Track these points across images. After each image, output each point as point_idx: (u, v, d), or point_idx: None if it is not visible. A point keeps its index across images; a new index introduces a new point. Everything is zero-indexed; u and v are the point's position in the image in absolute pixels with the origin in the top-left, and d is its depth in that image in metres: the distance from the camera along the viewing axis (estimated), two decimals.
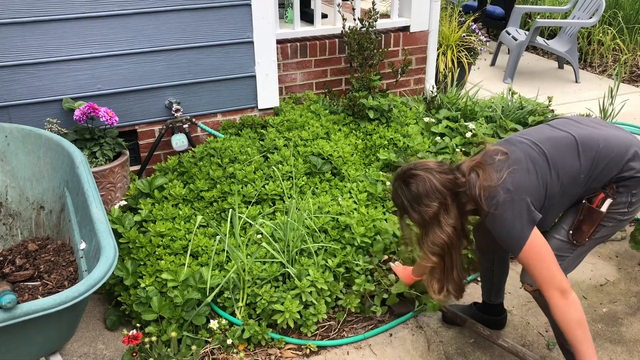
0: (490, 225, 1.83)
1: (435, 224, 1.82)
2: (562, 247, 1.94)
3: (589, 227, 1.88)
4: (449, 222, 1.81)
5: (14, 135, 2.46)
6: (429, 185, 1.79)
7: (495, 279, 2.34)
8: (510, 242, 1.79)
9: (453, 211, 1.82)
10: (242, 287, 2.45)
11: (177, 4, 3.23)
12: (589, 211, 1.86)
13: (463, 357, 2.34)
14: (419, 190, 1.80)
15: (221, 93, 3.57)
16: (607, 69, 6.06)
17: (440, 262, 1.88)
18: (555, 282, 1.78)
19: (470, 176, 1.84)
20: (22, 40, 2.95)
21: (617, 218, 1.89)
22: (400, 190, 1.86)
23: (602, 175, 1.84)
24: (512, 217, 1.76)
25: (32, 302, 1.58)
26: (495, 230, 1.82)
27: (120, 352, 2.35)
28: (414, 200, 1.82)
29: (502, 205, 1.76)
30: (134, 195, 3.01)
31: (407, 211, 1.86)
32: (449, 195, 1.81)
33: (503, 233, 1.80)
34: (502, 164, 1.81)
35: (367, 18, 3.78)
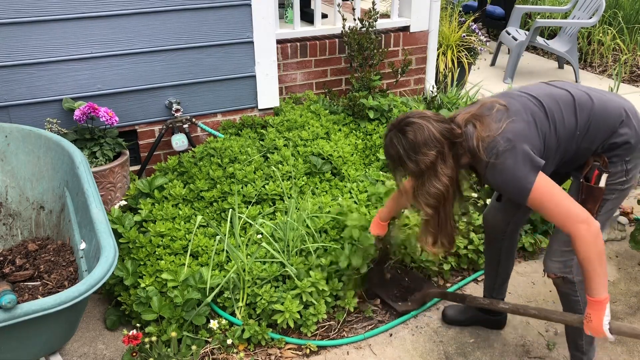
0: (491, 177, 1.76)
1: (431, 174, 1.76)
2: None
3: (593, 204, 1.86)
4: (445, 172, 1.76)
5: (14, 135, 2.46)
6: (427, 133, 1.74)
7: (500, 268, 2.33)
8: (516, 189, 1.73)
9: (450, 161, 1.77)
10: (242, 287, 2.45)
11: (177, 4, 3.23)
12: (589, 189, 1.86)
13: (463, 357, 2.34)
14: (416, 138, 1.74)
15: (221, 93, 3.57)
16: (607, 69, 6.06)
17: (435, 215, 1.83)
18: (575, 215, 1.70)
19: (466, 128, 1.79)
20: (22, 40, 2.95)
21: (618, 189, 1.87)
22: (397, 139, 1.78)
23: (595, 134, 1.82)
24: (514, 164, 1.71)
25: (32, 302, 1.58)
26: (497, 180, 1.76)
27: (120, 352, 2.35)
28: (411, 149, 1.75)
29: (502, 154, 1.71)
30: (134, 195, 3.01)
31: (402, 162, 1.79)
32: (446, 144, 1.76)
33: (507, 181, 1.73)
34: (501, 114, 1.77)
35: (367, 18, 3.78)
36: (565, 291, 2.02)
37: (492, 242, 2.31)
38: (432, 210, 1.82)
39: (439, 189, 1.77)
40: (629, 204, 3.44)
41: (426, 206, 1.81)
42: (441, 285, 2.78)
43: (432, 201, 1.79)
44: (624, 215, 3.28)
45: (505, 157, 1.71)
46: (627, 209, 3.32)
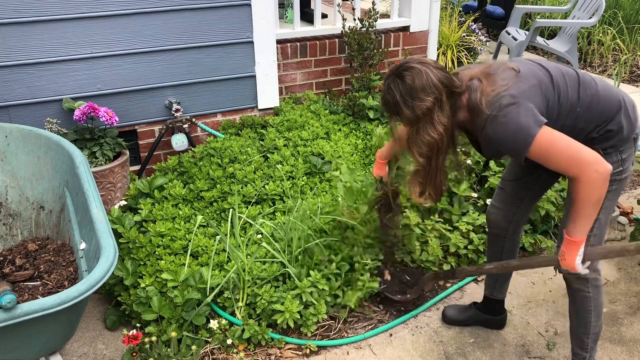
0: (492, 131, 1.72)
1: (427, 121, 1.73)
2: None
3: None
4: (441, 120, 1.73)
5: (14, 135, 2.46)
6: (425, 78, 1.70)
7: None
8: (519, 141, 1.69)
9: (446, 110, 1.73)
10: (242, 287, 2.45)
11: (177, 4, 3.23)
12: None
13: (463, 357, 2.34)
14: (414, 83, 1.70)
15: (221, 93, 3.57)
16: (607, 69, 6.06)
17: (426, 164, 1.81)
18: (585, 156, 1.66)
19: (471, 82, 1.77)
20: (22, 40, 2.95)
21: (617, 179, 1.87)
22: (394, 85, 1.74)
23: (593, 116, 1.81)
24: (517, 116, 1.67)
25: (32, 302, 1.58)
26: (498, 134, 1.71)
27: (120, 352, 2.35)
28: (408, 94, 1.72)
29: (505, 108, 1.68)
30: (134, 195, 3.01)
31: (398, 108, 1.75)
32: (444, 92, 1.72)
33: (509, 133, 1.69)
34: (508, 74, 1.75)
35: (367, 18, 3.78)
36: (577, 287, 2.03)
37: (494, 240, 2.32)
38: (423, 160, 1.79)
39: (433, 137, 1.73)
40: (629, 204, 3.44)
41: (418, 155, 1.78)
42: (441, 284, 2.78)
43: (425, 150, 1.76)
44: (624, 215, 3.28)
45: (509, 111, 1.68)
46: (627, 209, 3.32)
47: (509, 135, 1.70)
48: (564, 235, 1.81)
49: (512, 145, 1.72)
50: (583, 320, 2.07)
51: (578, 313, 2.07)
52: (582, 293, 2.03)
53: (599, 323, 2.08)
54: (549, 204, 3.00)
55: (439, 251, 2.74)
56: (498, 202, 2.23)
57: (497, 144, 1.75)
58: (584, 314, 2.06)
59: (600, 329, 2.10)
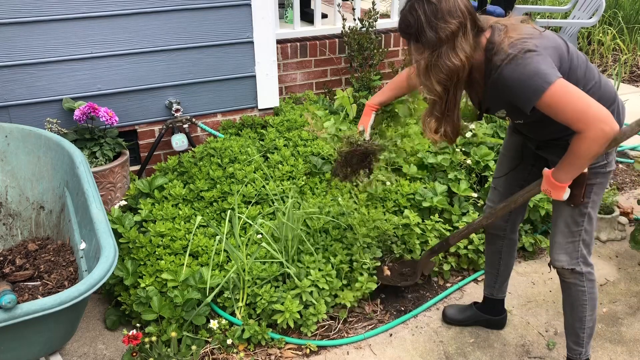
0: (509, 72, 1.66)
1: (449, 46, 1.66)
2: (571, 220, 1.94)
3: (579, 189, 1.86)
4: (464, 47, 1.67)
5: (14, 135, 2.46)
6: (452, 2, 1.64)
7: (502, 267, 2.35)
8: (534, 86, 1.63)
9: (469, 39, 1.68)
10: (242, 287, 2.45)
11: (177, 4, 3.23)
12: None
13: (463, 357, 2.34)
14: (440, 4, 1.64)
15: (221, 93, 3.57)
16: (607, 69, 6.06)
17: (443, 94, 1.76)
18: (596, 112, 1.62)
19: (496, 24, 1.74)
20: (22, 40, 2.95)
21: (601, 172, 1.90)
22: (418, 5, 1.66)
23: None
24: (536, 63, 1.64)
25: (32, 302, 1.58)
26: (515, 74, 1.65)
27: (120, 352, 2.35)
28: (433, 14, 1.64)
29: (527, 52, 1.64)
30: (134, 195, 3.01)
31: (421, 30, 1.66)
32: (469, 20, 1.67)
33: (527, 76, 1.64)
34: (532, 30, 1.73)
35: (367, 18, 3.78)
36: (572, 282, 2.04)
37: (492, 240, 2.32)
38: (441, 89, 1.73)
39: (454, 63, 1.68)
40: (629, 204, 3.44)
41: (437, 83, 1.73)
42: (441, 284, 2.78)
43: (444, 77, 1.71)
44: (624, 215, 3.28)
45: (530, 55, 1.65)
46: (627, 209, 3.32)
47: (526, 78, 1.65)
48: (550, 178, 1.82)
49: (526, 89, 1.66)
50: (579, 315, 2.09)
51: (574, 307, 2.09)
52: (577, 287, 2.04)
53: (594, 317, 2.10)
54: (549, 204, 3.00)
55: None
56: (493, 202, 2.24)
57: (509, 88, 1.69)
58: (580, 309, 2.08)
59: (595, 324, 2.12)
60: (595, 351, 2.37)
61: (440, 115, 1.82)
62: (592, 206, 1.93)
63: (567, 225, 1.95)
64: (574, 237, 1.96)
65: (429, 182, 3.11)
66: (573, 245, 1.97)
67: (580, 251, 1.98)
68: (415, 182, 3.07)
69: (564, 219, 1.96)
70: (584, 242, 1.97)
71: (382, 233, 2.75)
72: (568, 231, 1.96)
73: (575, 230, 1.95)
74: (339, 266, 2.55)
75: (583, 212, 1.93)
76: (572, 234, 1.96)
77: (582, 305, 2.07)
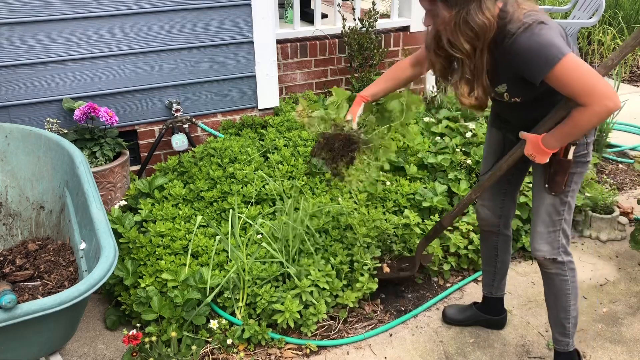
0: (525, 39, 1.68)
1: (477, 4, 1.66)
2: (552, 209, 1.98)
3: (562, 176, 1.91)
4: (489, 7, 1.67)
5: (14, 135, 2.46)
6: None
7: (498, 264, 2.36)
8: (547, 56, 1.66)
9: (492, 4, 1.69)
10: (242, 287, 2.45)
11: (177, 4, 3.23)
12: (559, 162, 1.90)
13: (463, 357, 2.34)
14: None
15: (221, 93, 3.57)
16: None
17: (472, 55, 1.76)
18: (603, 87, 1.65)
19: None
20: (22, 40, 2.95)
21: (581, 161, 1.94)
22: None
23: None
24: (551, 35, 1.67)
25: (32, 302, 1.58)
26: (530, 42, 1.67)
27: (120, 352, 2.35)
28: None
29: (540, 24, 1.67)
30: (134, 195, 3.01)
31: None
32: None
33: (541, 45, 1.66)
34: (541, 12, 1.75)
35: (367, 18, 3.78)
36: (554, 272, 2.07)
37: (487, 237, 2.35)
38: (470, 47, 1.74)
39: (482, 21, 1.68)
40: (629, 204, 3.44)
41: (465, 42, 1.72)
42: (441, 284, 2.78)
43: (473, 36, 1.71)
44: (624, 215, 3.28)
45: (543, 27, 1.68)
46: (627, 209, 3.32)
47: (541, 47, 1.67)
48: (539, 143, 1.83)
49: (540, 58, 1.67)
50: (563, 305, 2.11)
51: (558, 298, 2.11)
52: (560, 277, 2.07)
53: (577, 307, 2.13)
54: None
55: (439, 251, 2.74)
56: (484, 199, 2.28)
57: (523, 56, 1.70)
58: (564, 298, 2.10)
59: (578, 313, 2.14)
60: (595, 351, 2.37)
61: (471, 77, 1.83)
62: (572, 195, 1.99)
63: (549, 214, 1.99)
64: (555, 226, 2.00)
65: (429, 182, 3.11)
66: (554, 234, 2.01)
67: (560, 241, 2.02)
68: (415, 182, 3.07)
69: (545, 208, 1.99)
70: (564, 232, 2.02)
71: (382, 233, 2.75)
72: (550, 220, 1.99)
73: (557, 219, 1.99)
74: (339, 266, 2.55)
75: (564, 201, 1.97)
76: (553, 223, 2.00)
77: (566, 295, 2.09)
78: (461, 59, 1.79)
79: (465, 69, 1.82)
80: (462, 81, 1.86)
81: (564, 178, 1.91)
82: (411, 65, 2.17)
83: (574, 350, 2.19)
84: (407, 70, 2.17)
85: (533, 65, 1.70)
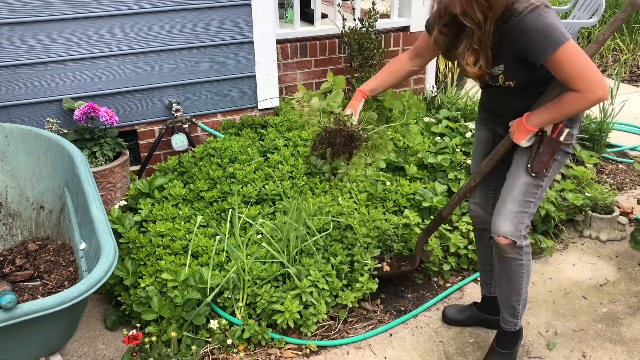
0: (531, 20, 1.71)
1: None
2: (527, 190, 2.00)
3: (548, 157, 1.95)
4: None
5: (14, 135, 2.46)
6: None
7: (495, 263, 2.35)
8: (551, 38, 1.70)
9: None
10: (242, 287, 2.45)
11: (177, 4, 3.23)
12: (550, 141, 1.93)
13: (463, 357, 2.34)
14: None
15: (221, 93, 3.57)
16: (607, 68, 6.06)
17: (483, 24, 1.79)
18: (598, 77, 1.73)
19: None
20: (22, 40, 2.95)
21: (564, 149, 1.99)
22: None
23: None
24: (554, 17, 1.72)
25: (32, 302, 1.58)
26: (536, 23, 1.71)
27: (120, 352, 2.35)
28: None
29: (546, 7, 1.72)
30: (134, 195, 3.02)
31: None
32: None
33: (546, 27, 1.70)
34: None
35: (367, 18, 3.78)
36: (512, 257, 2.05)
37: (482, 235, 2.36)
38: (482, 17, 1.77)
39: None
40: (629, 204, 3.44)
41: (479, 12, 1.75)
42: (441, 284, 2.78)
43: (486, 5, 1.74)
44: (624, 215, 3.28)
45: (548, 11, 1.72)
46: (627, 209, 3.32)
47: (547, 29, 1.71)
48: (523, 119, 1.91)
49: (545, 39, 1.72)
50: (516, 288, 2.13)
51: (511, 281, 2.12)
52: (517, 261, 2.07)
53: (527, 288, 2.16)
54: (549, 204, 3.01)
55: (439, 251, 2.74)
56: (475, 197, 2.31)
57: (527, 35, 1.74)
58: (517, 281, 2.11)
59: (527, 295, 2.17)
60: (595, 351, 2.37)
61: (478, 47, 1.85)
62: (547, 182, 2.02)
63: (522, 194, 2.00)
64: (524, 207, 2.00)
65: (429, 182, 3.11)
66: (521, 216, 2.00)
67: (524, 224, 2.02)
68: (415, 182, 3.07)
69: (520, 188, 2.00)
70: (529, 217, 2.03)
71: (382, 233, 2.75)
72: (522, 200, 2.00)
73: (527, 200, 2.01)
74: (339, 266, 2.55)
75: (539, 184, 2.00)
76: (523, 204, 2.00)
77: (520, 278, 2.11)
78: (471, 28, 1.81)
79: (474, 38, 1.84)
80: (469, 51, 1.88)
81: (550, 159, 1.95)
82: (410, 58, 2.19)
83: (520, 330, 2.24)
84: (406, 64, 2.20)
85: (537, 46, 1.74)
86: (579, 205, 3.17)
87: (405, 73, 2.22)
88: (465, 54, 1.90)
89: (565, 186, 3.25)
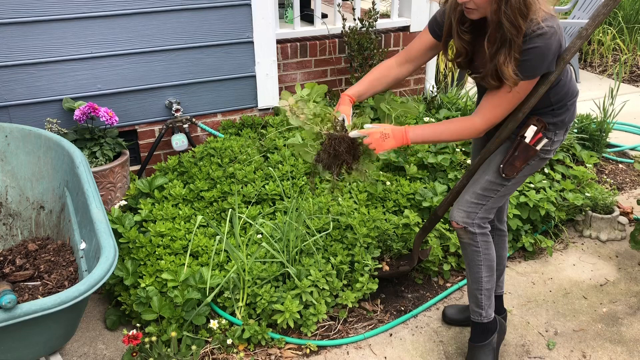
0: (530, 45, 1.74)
1: None
2: (488, 187, 2.03)
3: (521, 162, 1.96)
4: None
5: (14, 135, 2.46)
6: None
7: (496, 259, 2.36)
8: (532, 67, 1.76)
9: None
10: (242, 287, 2.45)
11: (177, 3, 3.23)
12: (525, 147, 1.94)
13: (463, 357, 2.34)
14: None
15: (221, 93, 3.57)
16: (607, 68, 6.06)
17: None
18: (493, 119, 1.86)
19: None
20: (22, 40, 2.95)
21: (540, 156, 2.00)
22: None
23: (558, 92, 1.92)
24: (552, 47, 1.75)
25: (32, 302, 1.58)
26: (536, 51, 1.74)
27: (120, 352, 2.35)
28: None
29: (552, 34, 1.73)
30: (134, 195, 3.01)
31: None
32: None
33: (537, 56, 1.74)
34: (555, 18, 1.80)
35: (367, 18, 3.78)
36: (466, 241, 2.12)
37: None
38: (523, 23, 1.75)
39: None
40: (629, 204, 3.44)
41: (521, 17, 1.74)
42: (441, 284, 2.78)
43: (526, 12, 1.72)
44: (624, 215, 3.28)
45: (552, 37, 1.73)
46: (627, 209, 3.32)
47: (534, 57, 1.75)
48: (405, 128, 1.93)
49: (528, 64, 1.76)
50: (476, 276, 2.15)
51: (470, 268, 2.16)
52: (472, 247, 2.11)
53: (492, 280, 2.17)
54: (549, 204, 3.01)
55: (439, 251, 2.74)
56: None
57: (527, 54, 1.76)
58: (476, 269, 2.14)
59: (493, 287, 2.19)
60: (595, 351, 2.37)
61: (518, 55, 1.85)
62: (515, 183, 2.04)
63: (483, 189, 2.04)
64: (480, 200, 2.05)
65: (429, 182, 3.11)
66: (475, 207, 2.05)
67: (478, 214, 2.06)
68: (415, 182, 3.07)
69: (482, 184, 2.03)
70: (486, 209, 2.06)
71: (382, 233, 2.75)
72: (480, 194, 2.04)
73: (486, 195, 2.04)
74: (339, 266, 2.55)
75: (503, 184, 2.03)
76: (481, 197, 2.04)
77: (478, 266, 2.13)
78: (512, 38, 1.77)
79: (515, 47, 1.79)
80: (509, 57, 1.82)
81: (522, 164, 1.96)
82: (398, 64, 2.12)
83: (490, 322, 2.23)
84: (393, 69, 2.12)
85: (524, 65, 1.78)
86: (579, 205, 3.17)
87: (391, 80, 2.13)
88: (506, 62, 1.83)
89: (565, 186, 3.25)
